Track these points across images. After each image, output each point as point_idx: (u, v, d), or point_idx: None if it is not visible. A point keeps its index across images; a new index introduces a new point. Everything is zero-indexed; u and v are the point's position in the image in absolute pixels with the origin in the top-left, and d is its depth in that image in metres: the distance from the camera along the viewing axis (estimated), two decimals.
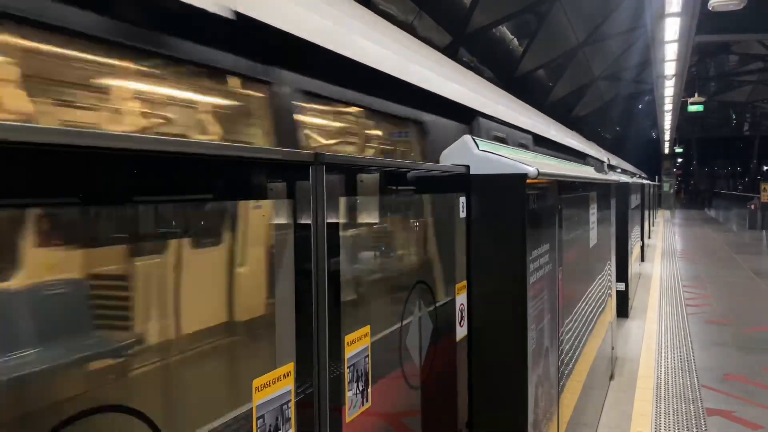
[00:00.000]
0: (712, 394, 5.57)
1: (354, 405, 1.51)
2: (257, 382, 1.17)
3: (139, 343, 1.17)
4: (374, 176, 1.65)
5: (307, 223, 1.34)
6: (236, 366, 1.40)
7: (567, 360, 3.63)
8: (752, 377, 6.08)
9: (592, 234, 4.74)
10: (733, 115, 60.09)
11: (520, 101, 6.27)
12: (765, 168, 59.90)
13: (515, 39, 23.47)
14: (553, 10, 22.12)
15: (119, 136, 0.95)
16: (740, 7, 9.76)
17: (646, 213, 16.65)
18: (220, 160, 1.10)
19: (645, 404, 5.33)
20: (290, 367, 1.27)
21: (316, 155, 1.35)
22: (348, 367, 1.47)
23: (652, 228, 21.83)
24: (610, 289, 6.01)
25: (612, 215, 6.36)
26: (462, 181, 2.34)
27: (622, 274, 8.31)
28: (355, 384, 1.50)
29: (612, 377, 6.02)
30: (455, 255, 2.36)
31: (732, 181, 69.14)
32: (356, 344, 1.50)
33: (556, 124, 9.04)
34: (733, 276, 12.45)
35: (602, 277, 5.37)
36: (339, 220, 1.45)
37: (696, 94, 32.05)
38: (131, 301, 1.16)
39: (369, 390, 1.57)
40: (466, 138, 2.43)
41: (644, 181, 17.27)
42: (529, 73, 25.29)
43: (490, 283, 2.36)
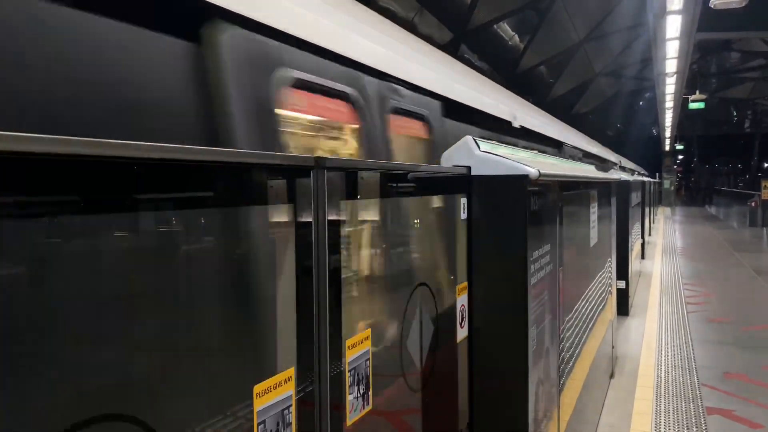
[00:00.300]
0: (712, 393, 5.57)
1: (355, 408, 1.51)
2: (258, 388, 1.17)
3: None
4: (376, 179, 1.65)
5: (308, 227, 1.33)
6: None
7: (567, 358, 3.63)
8: (752, 376, 6.09)
9: (593, 233, 4.73)
10: (734, 112, 60.01)
11: (546, 114, 6.27)
12: (766, 165, 59.87)
13: (516, 36, 23.45)
14: (554, 7, 22.08)
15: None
16: (742, 5, 9.74)
17: (647, 210, 16.65)
18: (222, 166, 1.10)
19: (645, 403, 5.34)
20: (291, 372, 1.27)
21: (318, 159, 1.35)
22: (349, 370, 1.47)
23: (652, 225, 21.83)
24: (610, 287, 6.00)
25: (613, 213, 6.35)
26: (463, 182, 2.34)
27: (623, 272, 8.30)
28: (356, 387, 1.50)
29: (612, 376, 6.03)
30: (456, 256, 2.35)
31: (733, 179, 69.13)
32: (357, 348, 1.50)
33: (578, 132, 9.04)
34: (734, 274, 12.45)
35: (603, 276, 5.37)
36: (340, 224, 1.45)
37: (697, 91, 32.00)
38: None
39: (370, 393, 1.57)
40: (468, 139, 2.42)
41: (645, 179, 17.25)
42: (530, 70, 25.27)
43: (491, 284, 2.36)
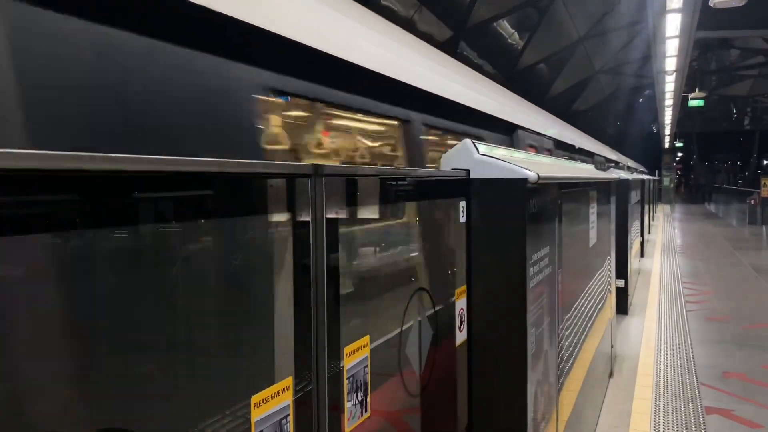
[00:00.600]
0: (711, 393, 5.58)
1: (353, 416, 1.50)
2: (256, 398, 1.17)
3: None
4: (375, 184, 1.65)
5: (306, 235, 1.33)
6: None
7: (566, 358, 3.63)
8: (751, 375, 6.09)
9: (592, 233, 4.73)
10: (734, 109, 60.02)
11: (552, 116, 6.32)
12: (765, 162, 59.87)
13: (516, 33, 23.44)
14: (554, 4, 22.07)
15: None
16: (741, 3, 9.72)
17: (646, 208, 16.65)
18: (220, 176, 1.09)
19: (644, 402, 5.34)
20: (289, 381, 1.26)
21: (316, 167, 1.34)
22: (347, 378, 1.46)
23: (652, 223, 21.83)
24: (609, 286, 6.01)
25: (612, 212, 6.35)
26: (462, 185, 2.33)
27: (622, 270, 8.30)
28: (355, 394, 1.50)
29: (611, 375, 6.03)
30: (455, 260, 2.35)
31: (732, 176, 69.16)
32: (355, 355, 1.50)
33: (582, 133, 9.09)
34: (733, 272, 12.46)
35: (602, 275, 5.37)
36: (339, 231, 1.44)
37: (697, 89, 31.99)
38: None
39: (368, 400, 1.57)
40: (466, 142, 2.42)
41: (644, 177, 17.25)
42: (530, 68, 25.25)
43: (490, 287, 2.35)
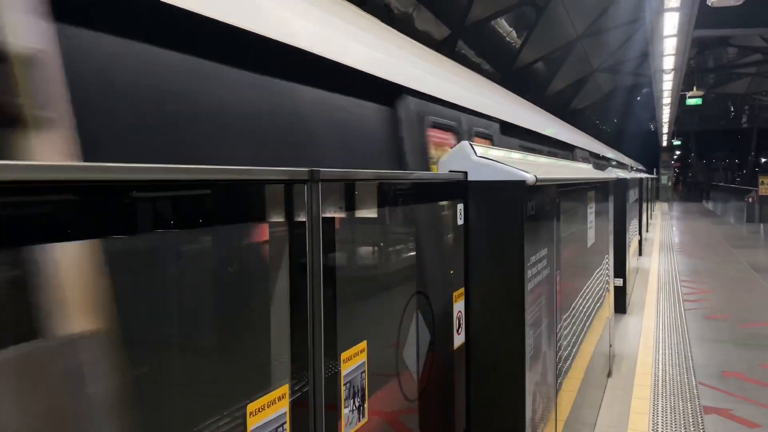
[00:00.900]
0: (709, 392, 5.58)
1: (350, 422, 1.50)
2: (252, 406, 1.16)
3: None
4: (372, 188, 1.64)
5: (303, 240, 1.32)
6: None
7: (565, 358, 3.63)
8: (750, 374, 6.10)
9: (591, 233, 4.73)
10: (732, 107, 60.08)
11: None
12: (763, 160, 59.95)
13: (514, 31, 23.44)
14: (552, 2, 22.05)
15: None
16: (739, 2, 9.73)
17: (644, 206, 16.66)
18: (212, 184, 1.08)
19: (642, 402, 5.34)
20: (285, 389, 1.26)
21: (312, 172, 1.33)
22: (344, 383, 1.46)
23: (650, 221, 21.86)
24: (607, 285, 6.01)
25: (610, 211, 6.35)
26: (460, 188, 2.33)
27: (620, 269, 8.30)
28: (352, 400, 1.49)
29: (610, 374, 6.03)
30: (453, 262, 2.34)
31: (730, 174, 69.26)
32: (353, 360, 1.49)
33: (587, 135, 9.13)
34: (731, 270, 12.47)
35: (600, 274, 5.37)
36: (335, 236, 1.44)
37: (695, 87, 32.01)
38: None
39: (366, 406, 1.56)
40: (464, 144, 2.41)
41: (642, 175, 17.26)
42: (528, 66, 25.25)
43: (488, 290, 2.35)
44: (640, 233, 14.37)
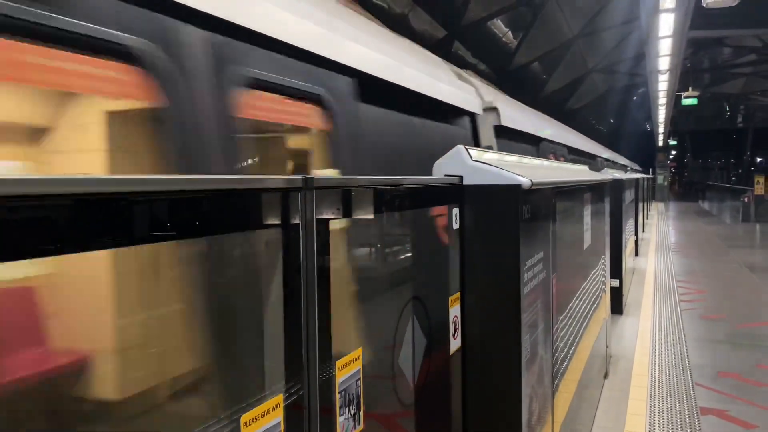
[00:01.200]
0: (705, 393, 5.59)
1: (346, 430, 1.49)
2: (245, 417, 1.16)
3: None
4: (367, 195, 1.63)
5: (297, 248, 1.31)
6: None
7: (561, 360, 3.62)
8: (746, 374, 6.11)
9: (587, 234, 4.73)
10: (727, 107, 60.23)
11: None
12: (758, 160, 60.13)
13: (510, 32, 23.45)
14: (548, 3, 22.08)
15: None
16: (734, 3, 9.75)
17: (641, 206, 16.69)
18: (201, 195, 1.08)
19: (639, 403, 5.35)
20: (279, 399, 1.25)
21: (306, 179, 1.33)
22: (339, 391, 1.45)
23: (646, 221, 21.89)
24: (604, 286, 6.01)
25: (606, 212, 6.36)
26: (455, 192, 2.32)
27: (617, 270, 8.31)
28: (347, 408, 1.49)
29: (606, 376, 6.04)
30: (449, 267, 2.34)
31: (726, 173, 69.44)
32: (348, 368, 1.49)
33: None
34: (727, 270, 12.50)
35: (596, 275, 5.37)
36: (330, 244, 1.43)
37: (690, 87, 32.08)
38: None
39: (361, 413, 1.56)
40: (460, 148, 2.41)
41: (639, 176, 17.29)
42: (524, 67, 25.27)
43: (484, 294, 2.34)
44: (637, 233, 14.39)
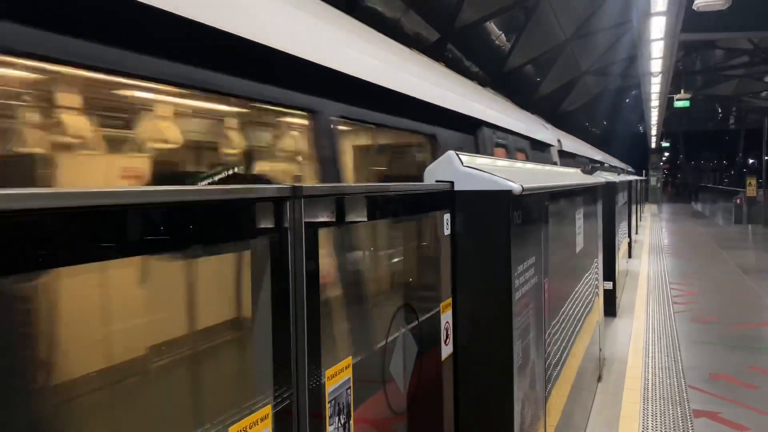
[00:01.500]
0: (698, 395, 5.60)
1: None
2: (234, 429, 1.15)
3: None
4: (357, 203, 1.63)
5: (285, 258, 1.31)
6: None
7: (554, 365, 3.62)
8: (738, 376, 6.13)
9: (579, 238, 4.74)
10: (719, 109, 60.54)
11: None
12: (751, 161, 60.40)
13: (503, 35, 23.47)
14: (541, 5, 22.14)
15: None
16: (725, 7, 9.81)
17: (634, 208, 16.74)
18: (193, 206, 1.07)
19: (633, 406, 5.36)
20: (268, 409, 1.24)
21: (294, 188, 1.32)
22: (329, 401, 1.45)
23: (639, 222, 21.97)
24: (597, 289, 6.02)
25: (599, 215, 6.37)
26: (446, 198, 2.32)
27: (610, 272, 8.32)
28: (337, 418, 1.48)
29: (600, 379, 6.04)
30: (440, 273, 2.34)
31: (718, 175, 69.76)
32: (337, 377, 1.48)
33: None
34: (720, 272, 12.55)
35: (589, 278, 5.38)
36: (319, 253, 1.42)
37: (682, 90, 32.22)
38: None
39: (351, 423, 1.55)
40: (450, 153, 2.41)
41: (631, 178, 17.35)
42: (517, 69, 25.32)
43: (475, 300, 2.34)
44: (630, 235, 14.43)
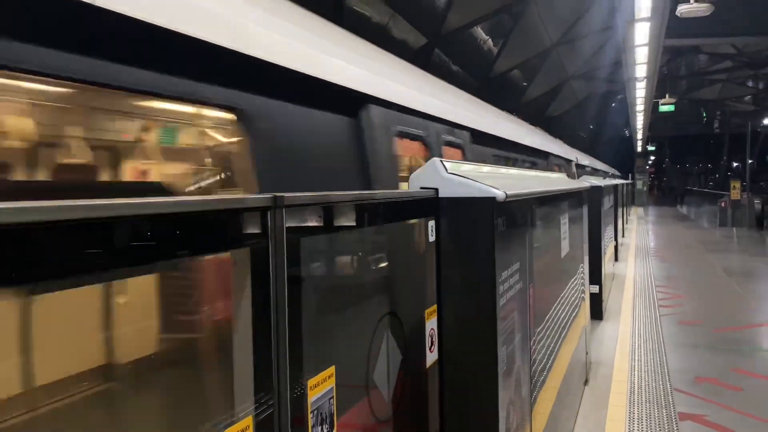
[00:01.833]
0: (684, 398, 5.64)
1: None
2: None
3: None
4: (340, 211, 1.62)
5: (267, 271, 1.30)
6: None
7: (540, 369, 3.63)
8: (723, 378, 6.18)
9: (565, 243, 4.76)
10: (704, 113, 61.24)
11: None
12: (735, 165, 61.08)
13: (490, 40, 23.61)
14: (527, 11, 22.30)
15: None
16: (707, 13, 9.93)
17: (620, 212, 16.85)
18: (173, 217, 1.07)
19: (619, 410, 5.38)
20: (248, 421, 1.24)
21: (275, 198, 1.32)
22: (311, 411, 1.44)
23: (626, 226, 22.11)
24: (583, 293, 6.05)
25: (585, 219, 6.40)
26: (431, 205, 2.33)
27: (596, 276, 8.37)
28: (320, 428, 1.47)
29: (587, 382, 6.07)
30: (425, 280, 2.34)
31: (703, 178, 70.53)
32: (320, 387, 1.47)
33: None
34: (705, 275, 12.66)
35: (575, 283, 5.40)
36: (301, 263, 1.42)
37: (667, 94, 32.55)
38: None
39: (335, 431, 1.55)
40: (435, 160, 2.41)
41: (617, 181, 17.47)
42: (504, 74, 25.47)
43: (460, 307, 2.35)
44: (616, 239, 14.53)
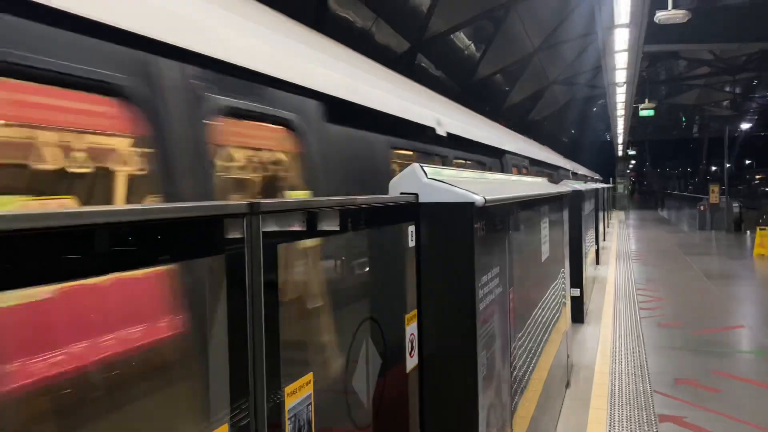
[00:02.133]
0: (663, 400, 5.70)
1: None
2: None
3: None
4: (318, 217, 1.62)
5: (242, 278, 1.30)
6: None
7: (521, 376, 3.65)
8: (702, 381, 6.26)
9: (545, 247, 4.79)
10: (683, 117, 62.12)
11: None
12: (713, 169, 61.98)
13: (472, 45, 23.74)
14: (509, 17, 22.46)
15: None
16: (684, 20, 10.09)
17: (601, 215, 17.01)
18: (148, 224, 1.06)
19: (600, 412, 5.43)
20: (224, 429, 1.23)
21: (251, 204, 1.31)
22: (289, 418, 1.43)
23: (607, 229, 22.33)
24: (564, 298, 6.09)
25: (565, 224, 6.45)
26: (411, 210, 2.33)
27: (577, 279, 8.43)
28: None
29: (568, 385, 6.11)
30: (405, 285, 2.34)
31: (683, 182, 71.48)
32: (297, 394, 1.47)
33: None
34: (685, 278, 12.82)
35: (556, 287, 5.44)
36: (278, 270, 1.41)
37: (647, 99, 32.97)
38: None
39: None
40: (415, 166, 2.42)
41: (598, 185, 17.64)
42: (486, 79, 25.61)
43: (440, 311, 2.35)
44: (597, 242, 14.66)
